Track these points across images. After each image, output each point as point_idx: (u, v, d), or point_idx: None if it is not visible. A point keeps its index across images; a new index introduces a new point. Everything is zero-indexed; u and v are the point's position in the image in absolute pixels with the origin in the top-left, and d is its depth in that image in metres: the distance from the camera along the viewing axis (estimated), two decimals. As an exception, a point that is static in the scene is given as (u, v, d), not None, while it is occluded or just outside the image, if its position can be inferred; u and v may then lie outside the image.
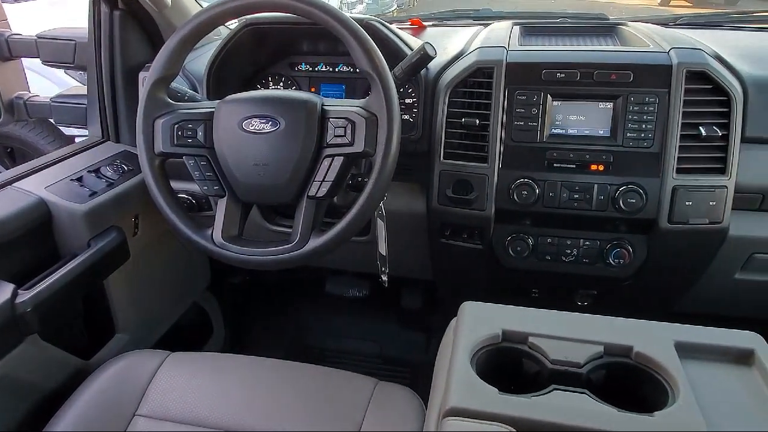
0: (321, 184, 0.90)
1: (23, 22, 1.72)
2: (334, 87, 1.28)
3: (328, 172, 0.89)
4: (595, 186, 1.05)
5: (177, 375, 0.97)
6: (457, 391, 0.58)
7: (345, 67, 1.26)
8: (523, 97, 1.07)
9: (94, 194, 1.12)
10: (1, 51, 1.41)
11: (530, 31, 1.33)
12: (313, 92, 1.27)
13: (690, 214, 1.03)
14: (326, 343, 1.80)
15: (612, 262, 1.10)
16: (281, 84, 1.30)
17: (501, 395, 0.57)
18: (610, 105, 1.05)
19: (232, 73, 1.24)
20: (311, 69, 1.29)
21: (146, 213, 1.24)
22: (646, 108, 1.02)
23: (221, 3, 0.91)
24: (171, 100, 0.97)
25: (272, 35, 1.23)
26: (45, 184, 1.09)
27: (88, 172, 1.17)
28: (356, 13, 3.09)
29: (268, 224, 1.29)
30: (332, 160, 0.89)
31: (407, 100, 1.18)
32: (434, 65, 1.16)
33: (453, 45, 1.25)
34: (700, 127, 1.01)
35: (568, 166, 1.06)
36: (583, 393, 0.58)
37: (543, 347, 0.64)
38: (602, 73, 1.04)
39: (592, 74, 1.05)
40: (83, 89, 1.37)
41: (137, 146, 0.96)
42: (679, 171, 1.02)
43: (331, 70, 1.28)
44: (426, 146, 1.16)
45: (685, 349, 0.63)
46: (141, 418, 0.91)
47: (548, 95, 1.06)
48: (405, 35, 1.21)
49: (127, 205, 1.19)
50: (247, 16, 1.12)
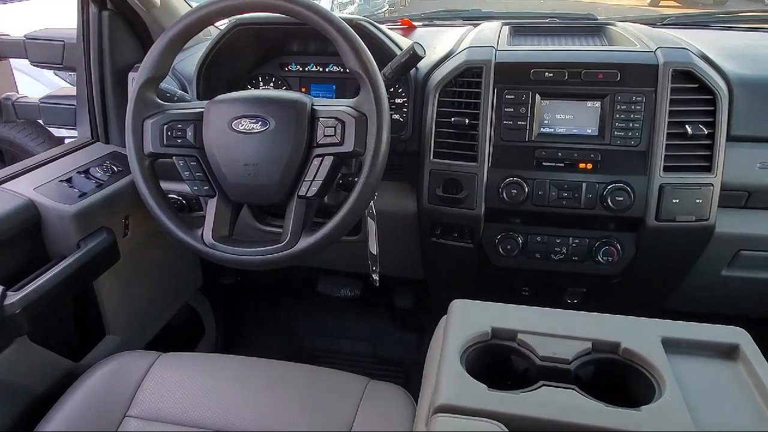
0: (311, 184, 0.90)
1: (16, 23, 1.70)
2: (324, 87, 1.28)
3: (318, 171, 0.90)
4: (584, 184, 1.06)
5: (168, 375, 0.97)
6: (447, 388, 0.58)
7: (335, 67, 1.26)
8: (512, 96, 1.07)
9: (83, 195, 1.11)
10: (-10, 52, 1.40)
11: (519, 31, 1.34)
12: (304, 92, 1.27)
13: (677, 212, 1.04)
14: (319, 343, 1.80)
15: (601, 259, 1.11)
16: (271, 84, 1.30)
17: (490, 391, 0.58)
18: (597, 104, 1.06)
19: (221, 74, 1.23)
20: (301, 69, 1.29)
21: (136, 214, 1.23)
22: (633, 107, 1.03)
23: (210, 3, 0.91)
24: (160, 101, 0.97)
25: (262, 35, 1.23)
26: (34, 185, 1.09)
27: (78, 173, 1.17)
28: (348, 14, 3.09)
29: (259, 224, 1.29)
30: (322, 160, 0.90)
31: (397, 100, 1.19)
32: (424, 65, 1.16)
33: (442, 45, 1.26)
34: (687, 126, 1.02)
35: (557, 164, 1.07)
36: (572, 389, 0.59)
37: (532, 344, 0.64)
38: (590, 73, 1.05)
39: (579, 73, 1.05)
40: (72, 90, 1.36)
41: (126, 147, 0.96)
42: (666, 169, 1.03)
43: (321, 70, 1.28)
44: (416, 146, 1.16)
45: (671, 345, 0.64)
46: (132, 419, 0.91)
47: (537, 94, 1.07)
48: (394, 35, 1.22)
49: (116, 206, 1.19)
50: (236, 17, 1.12)
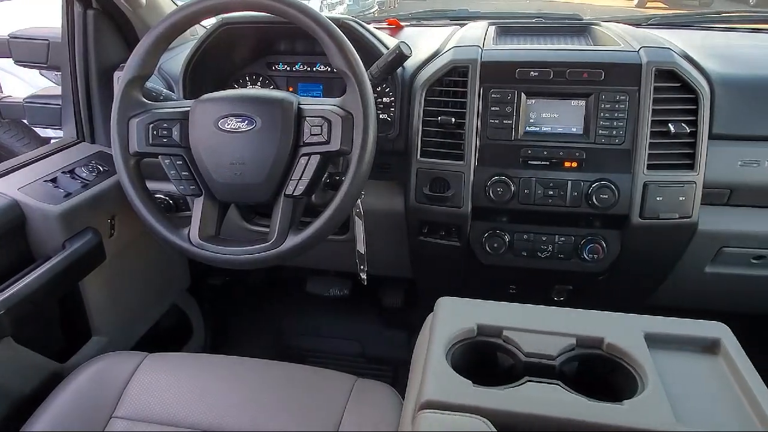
0: (298, 183, 0.90)
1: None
2: (311, 86, 1.28)
3: (304, 170, 0.90)
4: (569, 182, 1.07)
5: (155, 376, 0.96)
6: (432, 385, 0.59)
7: (322, 66, 1.26)
8: (498, 95, 1.08)
9: (68, 195, 1.11)
10: (-28, 52, 1.39)
11: (505, 31, 1.35)
12: (291, 92, 1.27)
13: (660, 209, 1.05)
14: (307, 343, 1.80)
15: (586, 257, 1.12)
16: (258, 83, 1.30)
17: (475, 387, 0.59)
18: (582, 103, 1.07)
19: (208, 73, 1.23)
20: (289, 68, 1.29)
21: (122, 214, 1.23)
22: (617, 105, 1.05)
23: (197, 1, 0.91)
24: (146, 100, 0.97)
25: (249, 35, 1.22)
26: (18, 185, 1.08)
27: (63, 172, 1.16)
28: (336, 14, 3.09)
29: (246, 223, 1.29)
30: (309, 159, 0.90)
31: (384, 99, 1.19)
32: (410, 64, 1.17)
33: (429, 44, 1.26)
34: (669, 124, 1.03)
35: (543, 163, 1.08)
36: (556, 384, 0.60)
37: (517, 340, 0.65)
38: (574, 72, 1.06)
39: (564, 73, 1.06)
40: (57, 89, 1.35)
41: (112, 146, 0.95)
42: (649, 167, 1.04)
43: (308, 69, 1.28)
44: (403, 145, 1.17)
45: (654, 340, 0.65)
46: (118, 419, 0.90)
47: (522, 94, 1.08)
48: (381, 35, 1.22)
49: (102, 206, 1.18)
50: (223, 15, 1.12)
